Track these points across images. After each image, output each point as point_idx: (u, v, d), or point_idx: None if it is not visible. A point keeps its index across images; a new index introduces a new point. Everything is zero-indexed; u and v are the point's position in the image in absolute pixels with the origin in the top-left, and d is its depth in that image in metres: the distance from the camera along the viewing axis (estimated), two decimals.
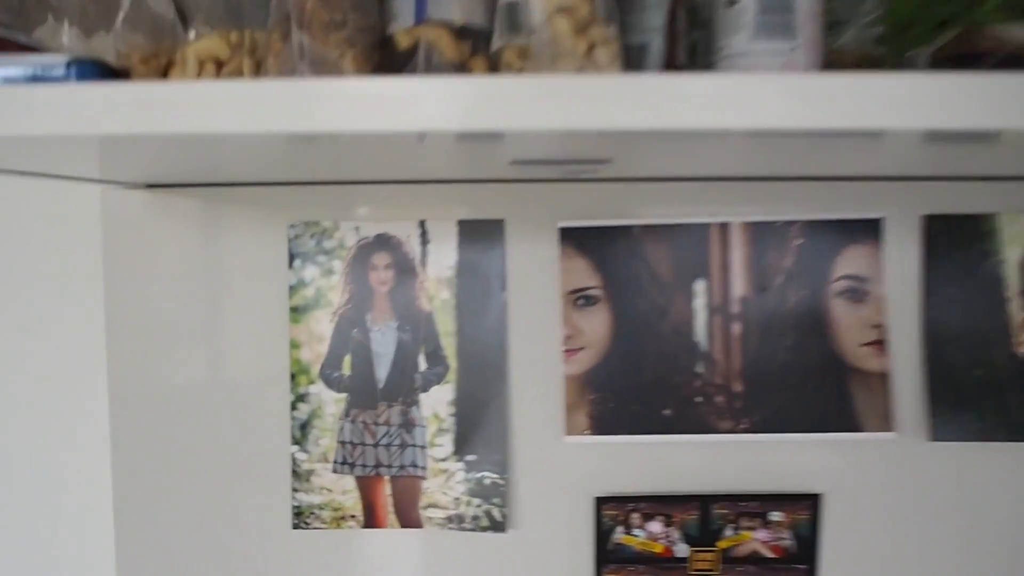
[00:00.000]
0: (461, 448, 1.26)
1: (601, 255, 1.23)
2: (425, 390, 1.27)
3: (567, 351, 1.24)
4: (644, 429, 1.24)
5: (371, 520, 1.27)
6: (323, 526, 1.29)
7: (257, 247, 1.27)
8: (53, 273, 1.32)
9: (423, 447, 1.27)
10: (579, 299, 1.24)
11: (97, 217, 1.29)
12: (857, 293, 1.21)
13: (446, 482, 1.27)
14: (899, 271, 1.21)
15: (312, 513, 1.29)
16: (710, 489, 1.25)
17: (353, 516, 1.28)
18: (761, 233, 1.21)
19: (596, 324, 1.24)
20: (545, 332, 1.25)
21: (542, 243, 1.24)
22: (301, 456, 1.29)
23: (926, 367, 1.20)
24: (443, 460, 1.27)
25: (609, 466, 1.26)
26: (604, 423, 1.24)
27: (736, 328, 1.23)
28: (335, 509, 1.28)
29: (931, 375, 1.20)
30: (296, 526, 1.29)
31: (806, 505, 1.23)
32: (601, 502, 1.25)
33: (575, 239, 1.24)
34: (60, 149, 0.66)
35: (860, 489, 1.24)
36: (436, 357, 1.26)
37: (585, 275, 1.24)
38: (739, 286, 1.23)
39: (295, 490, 1.28)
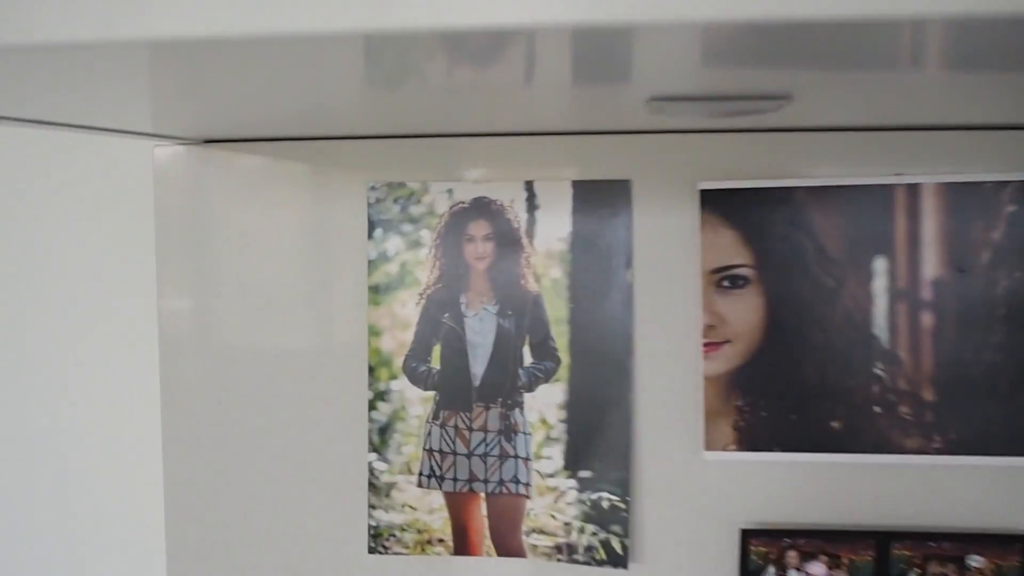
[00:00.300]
0: (574, 462, 1.16)
1: (753, 225, 1.11)
2: (530, 389, 1.16)
3: (708, 345, 1.13)
4: (805, 445, 1.12)
5: (462, 546, 1.18)
6: (404, 551, 1.20)
7: (330, 213, 1.19)
8: (104, 234, 1.36)
9: (527, 459, 1.16)
10: (724, 280, 1.12)
11: (149, 176, 1.23)
12: None
13: (555, 503, 1.16)
14: None
15: (392, 535, 1.20)
16: (889, 524, 1.12)
17: (441, 540, 1.18)
18: (962, 197, 1.07)
19: (745, 311, 1.12)
20: (680, 321, 1.14)
21: (678, 210, 1.13)
22: (380, 466, 1.20)
23: None
24: (551, 476, 1.16)
25: (760, 490, 1.14)
26: (754, 436, 1.13)
27: (927, 319, 1.09)
28: (419, 531, 1.19)
29: None
30: (373, 550, 1.20)
31: (1016, 549, 1.08)
32: (748, 535, 1.13)
33: (720, 205, 1.11)
34: (101, 67, 0.59)
35: None
36: (545, 349, 1.15)
37: (732, 250, 1.12)
38: (932, 265, 1.09)
39: (372, 507, 1.20)
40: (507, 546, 1.17)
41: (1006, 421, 1.07)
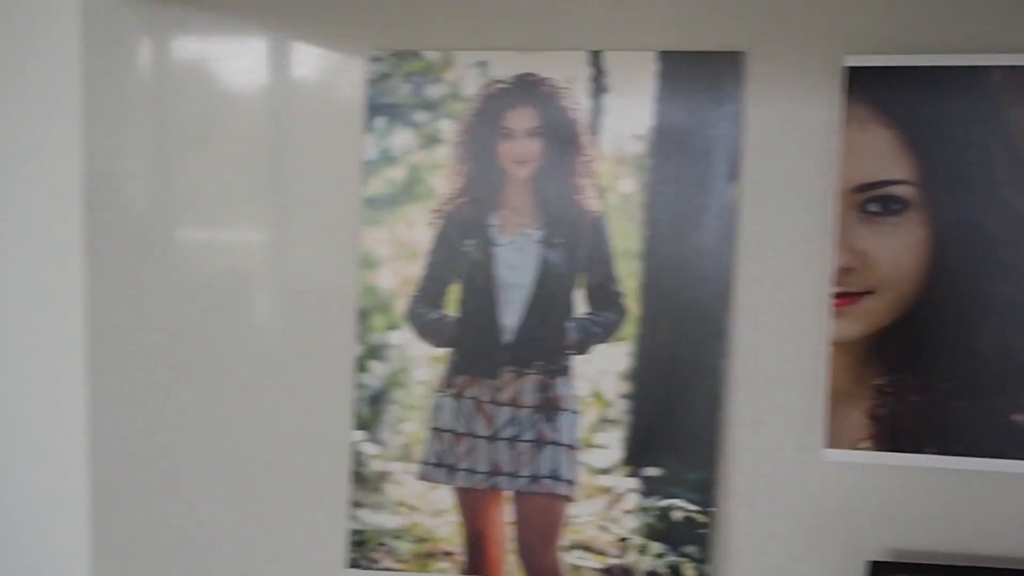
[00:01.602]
0: (638, 455, 1.10)
1: (920, 121, 1.02)
2: (583, 351, 1.10)
3: (841, 296, 1.04)
4: (973, 447, 1.03)
5: (477, 562, 1.13)
6: (397, 566, 1.15)
7: (312, 91, 1.15)
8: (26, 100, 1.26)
9: (572, 447, 1.11)
10: (872, 202, 1.03)
11: (78, 31, 1.19)
12: None
13: (608, 510, 1.09)
14: None
15: (381, 544, 1.15)
16: None
17: (448, 554, 1.14)
18: None
19: (899, 249, 1.03)
20: (804, 261, 1.07)
21: (812, 97, 1.05)
22: (369, 450, 1.15)
23: None
24: (605, 472, 1.10)
25: (902, 506, 1.07)
26: (898, 431, 1.05)
27: None
28: (419, 540, 1.14)
29: None
30: (354, 563, 1.16)
31: None
32: (881, 570, 1.05)
33: (873, 91, 1.03)
34: None
35: None
36: (605, 295, 1.10)
37: (887, 158, 1.03)
38: None
39: (356, 505, 1.16)
40: (538, 565, 1.13)
41: None
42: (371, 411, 1.14)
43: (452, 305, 1.12)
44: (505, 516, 1.12)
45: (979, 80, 1.00)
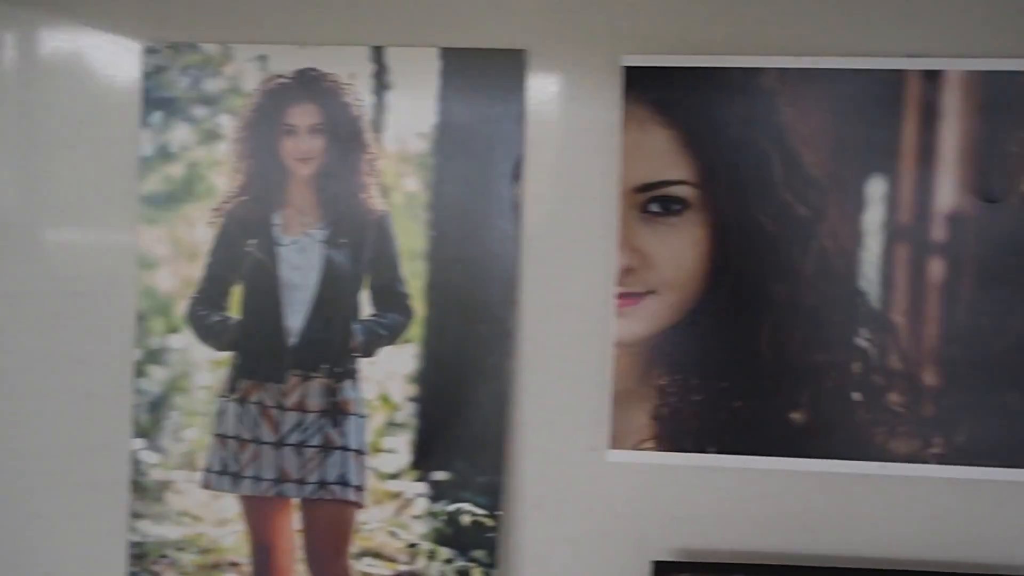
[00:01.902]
0: (426, 459, 1.11)
1: (698, 122, 1.04)
2: (369, 353, 1.10)
3: (624, 296, 1.06)
4: (753, 445, 1.06)
5: (264, 573, 1.12)
6: None
7: (84, 83, 1.11)
8: None
9: (360, 452, 1.11)
10: (652, 202, 1.05)
11: None
12: None
13: (397, 515, 1.10)
14: None
15: (163, 556, 1.13)
16: (866, 558, 1.07)
17: (234, 564, 1.12)
18: (999, 93, 1.02)
19: (680, 249, 1.05)
20: (589, 260, 1.09)
21: (592, 96, 1.06)
22: (149, 457, 1.13)
23: None
24: (394, 477, 1.11)
25: (685, 506, 1.09)
26: (680, 431, 1.07)
27: (936, 269, 1.04)
28: (204, 551, 1.12)
29: None
30: None
31: None
32: (664, 570, 1.06)
33: (652, 91, 1.05)
34: None
35: None
36: (391, 295, 1.10)
37: (667, 158, 1.05)
38: (948, 191, 1.03)
39: (136, 516, 1.13)
40: (327, 574, 1.12)
41: None
42: (151, 418, 1.12)
43: (234, 307, 1.11)
44: (293, 524, 1.11)
45: (754, 82, 1.02)
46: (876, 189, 1.03)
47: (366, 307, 1.09)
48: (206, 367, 1.11)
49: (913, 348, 1.03)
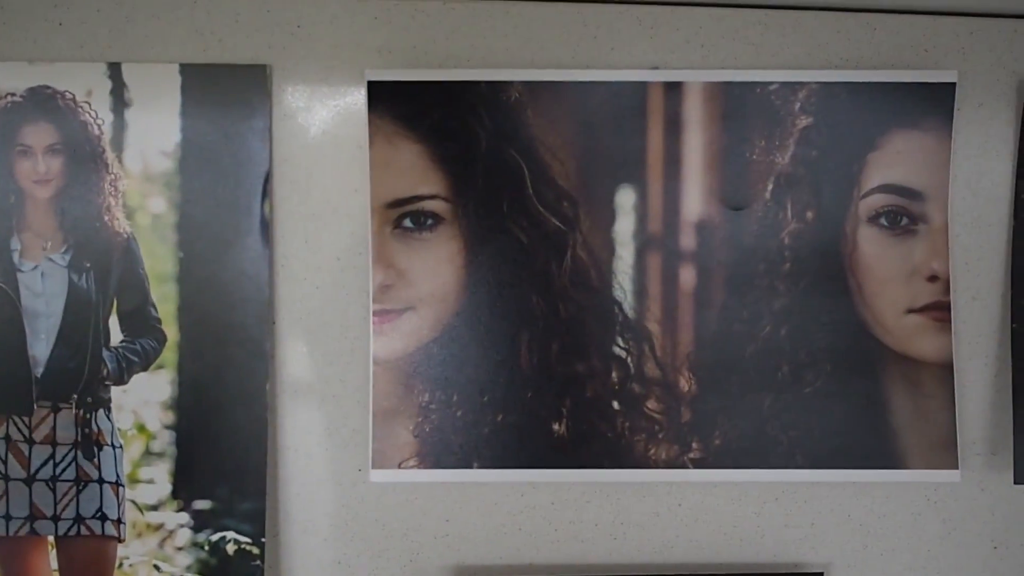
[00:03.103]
0: (187, 488, 1.07)
1: (446, 137, 1.03)
2: (121, 381, 1.06)
3: (381, 314, 1.04)
4: (516, 458, 1.05)
5: None
6: None
7: None
8: None
9: (117, 484, 1.06)
10: (406, 218, 1.04)
11: None
12: (902, 217, 1.05)
13: (160, 548, 1.06)
14: (977, 176, 1.08)
15: None
16: (633, 560, 1.08)
17: None
18: (740, 103, 1.04)
19: (435, 265, 1.04)
20: (346, 279, 1.06)
21: (339, 111, 1.05)
22: None
23: (1019, 356, 1.07)
24: (154, 508, 1.07)
25: (456, 523, 1.08)
26: (443, 448, 1.05)
27: (687, 276, 1.05)
28: None
29: None
30: None
31: None
32: None
33: (397, 105, 1.03)
34: None
35: (895, 563, 1.10)
36: (142, 320, 1.06)
37: (417, 174, 1.03)
38: (696, 200, 1.04)
39: None
40: None
41: (791, 423, 1.04)
42: None
43: None
44: (50, 564, 1.06)
45: (501, 95, 1.02)
46: (626, 199, 1.03)
47: (116, 333, 1.05)
48: None
49: (668, 355, 1.04)
